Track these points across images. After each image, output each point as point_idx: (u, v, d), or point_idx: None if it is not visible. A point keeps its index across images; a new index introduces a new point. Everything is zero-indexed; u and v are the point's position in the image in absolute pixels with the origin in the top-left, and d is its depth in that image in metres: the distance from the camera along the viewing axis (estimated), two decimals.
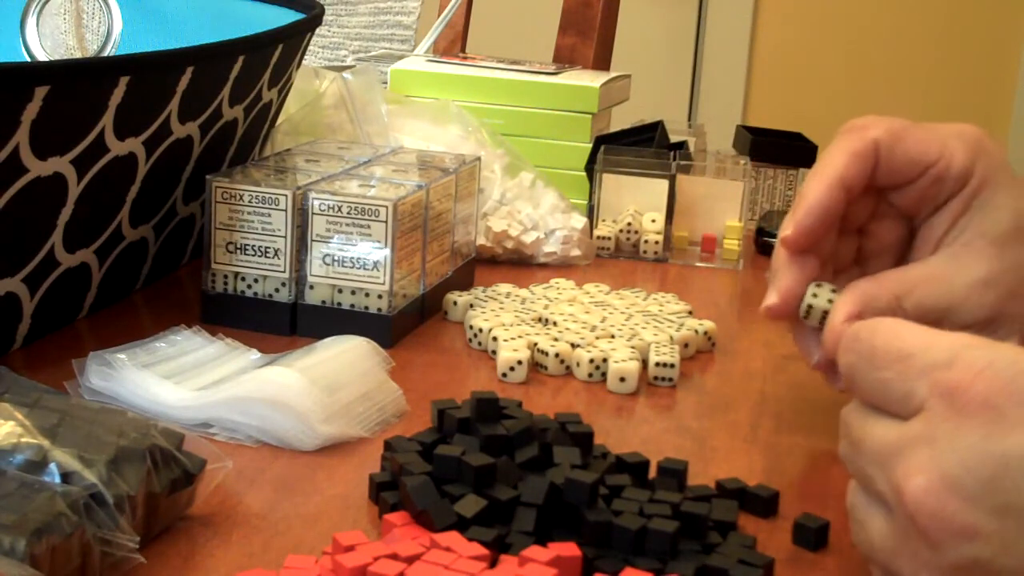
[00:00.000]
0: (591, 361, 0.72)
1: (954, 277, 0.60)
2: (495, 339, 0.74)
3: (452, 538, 0.48)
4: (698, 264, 0.96)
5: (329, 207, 0.73)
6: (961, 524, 0.42)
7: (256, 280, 0.75)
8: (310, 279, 0.74)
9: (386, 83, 1.05)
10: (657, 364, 0.72)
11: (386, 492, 0.54)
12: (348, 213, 0.73)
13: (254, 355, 0.67)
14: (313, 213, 0.73)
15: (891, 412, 0.46)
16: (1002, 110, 2.87)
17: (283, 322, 0.75)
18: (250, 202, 0.74)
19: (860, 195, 0.63)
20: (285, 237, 0.74)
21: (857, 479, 0.48)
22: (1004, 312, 0.60)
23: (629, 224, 0.96)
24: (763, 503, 0.57)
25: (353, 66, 1.15)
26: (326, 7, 1.13)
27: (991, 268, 0.60)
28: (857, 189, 0.62)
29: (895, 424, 0.45)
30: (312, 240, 0.74)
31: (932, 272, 0.61)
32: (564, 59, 1.46)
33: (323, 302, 0.74)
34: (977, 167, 0.61)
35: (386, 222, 0.73)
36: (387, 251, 0.73)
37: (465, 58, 1.13)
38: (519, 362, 0.71)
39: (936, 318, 0.59)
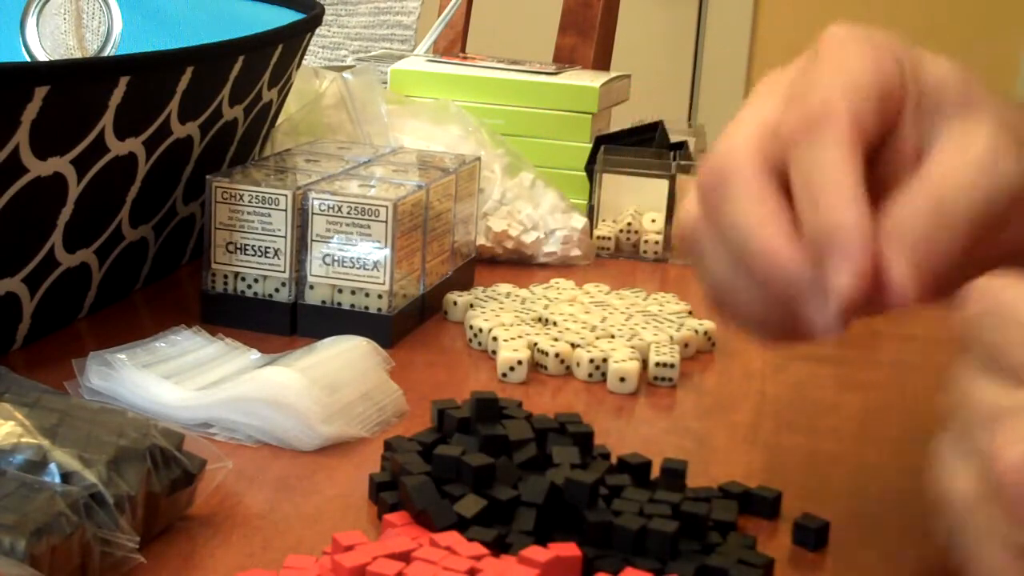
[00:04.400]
0: (591, 361, 0.72)
1: (968, 148, 0.48)
2: (495, 339, 0.74)
3: (452, 538, 0.48)
4: None
5: (329, 207, 0.73)
6: None
7: (256, 280, 0.75)
8: (310, 279, 0.74)
9: (386, 83, 1.05)
10: (657, 364, 0.72)
11: (386, 492, 0.54)
12: (348, 213, 0.73)
13: (254, 355, 0.67)
14: (313, 213, 0.73)
15: (1006, 376, 0.44)
16: None
17: (283, 322, 0.75)
18: (250, 202, 0.74)
19: None
20: (285, 237, 0.74)
21: (959, 428, 0.46)
22: None
23: (629, 224, 0.96)
24: (767, 505, 0.57)
25: (353, 66, 1.15)
26: (326, 7, 1.13)
27: (990, 126, 0.48)
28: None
29: (1008, 389, 0.43)
30: (312, 240, 0.74)
31: (945, 162, 0.48)
32: (564, 59, 1.46)
33: (323, 302, 0.74)
34: (902, 63, 0.49)
35: (386, 222, 0.73)
36: (387, 251, 0.73)
37: (465, 58, 1.13)
38: (519, 362, 0.71)
39: (988, 215, 0.47)
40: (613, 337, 0.75)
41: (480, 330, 0.75)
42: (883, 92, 0.48)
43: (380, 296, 0.74)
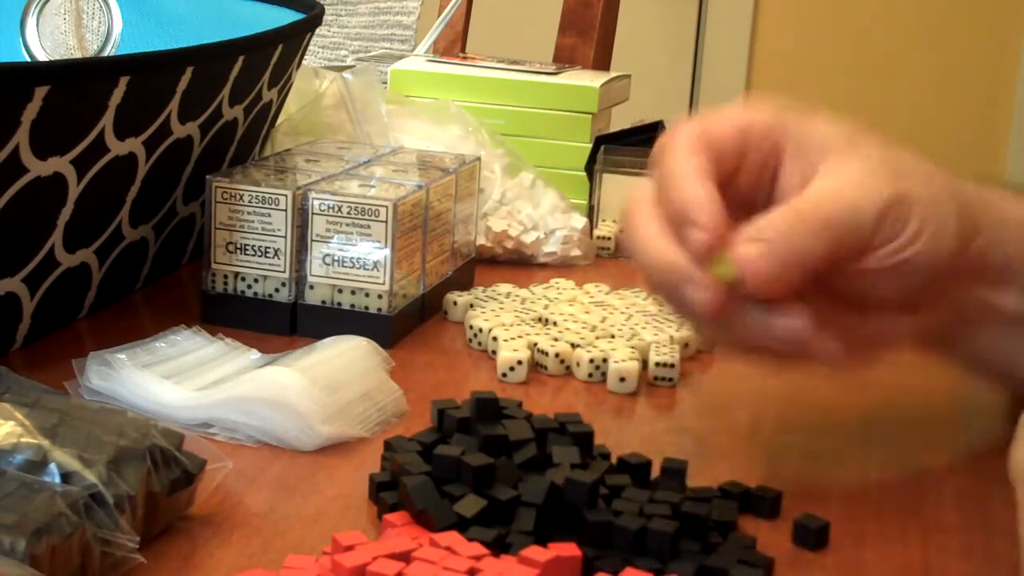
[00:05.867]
0: (591, 361, 0.72)
1: (838, 179, 0.57)
2: (495, 339, 0.74)
3: (452, 538, 0.48)
4: None
5: (329, 207, 0.73)
6: None
7: (256, 280, 0.75)
8: (310, 279, 0.74)
9: (386, 83, 1.05)
10: (657, 364, 0.72)
11: (386, 492, 0.54)
12: (348, 213, 0.73)
13: (254, 355, 0.67)
14: (313, 213, 0.73)
15: None
16: (1002, 110, 2.87)
17: (283, 322, 0.75)
18: (250, 202, 0.74)
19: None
20: (285, 237, 0.74)
21: None
22: (906, 193, 0.57)
23: None
24: (767, 504, 0.57)
25: (353, 66, 1.15)
26: (326, 7, 1.13)
27: (862, 164, 0.58)
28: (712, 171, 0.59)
29: None
30: (312, 240, 0.74)
31: (816, 187, 0.57)
32: (564, 59, 1.45)
33: (323, 302, 0.74)
34: (782, 116, 0.60)
35: (386, 222, 0.73)
36: (387, 251, 0.73)
37: (465, 58, 1.13)
38: (519, 362, 0.71)
39: (848, 225, 0.56)
40: (613, 337, 0.75)
41: (480, 330, 0.75)
42: (741, 131, 0.60)
43: (380, 296, 0.74)
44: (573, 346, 0.73)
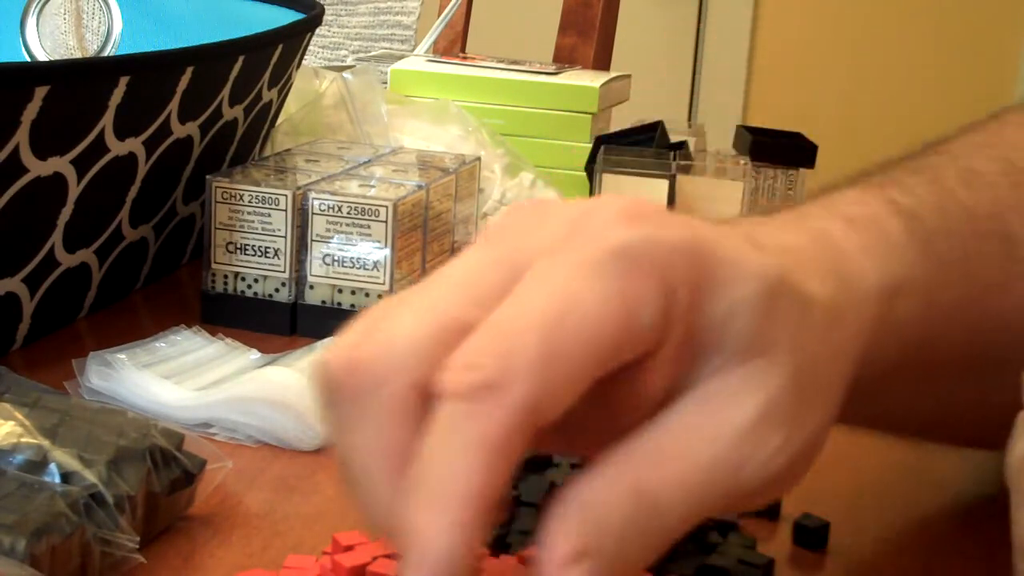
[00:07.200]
0: None
1: (715, 429, 0.37)
2: None
3: None
4: None
5: (329, 207, 0.73)
6: None
7: (256, 280, 0.75)
8: (310, 279, 0.74)
9: (386, 83, 1.05)
10: None
11: None
12: (348, 213, 0.73)
13: (254, 355, 0.67)
14: (313, 213, 0.73)
15: None
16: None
17: (283, 322, 0.75)
18: (250, 202, 0.74)
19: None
20: (285, 237, 0.74)
21: None
22: (815, 448, 0.40)
23: None
24: (767, 505, 0.57)
25: (353, 66, 1.15)
26: (326, 7, 1.13)
27: (765, 394, 0.37)
28: (505, 489, 0.35)
29: None
30: (312, 240, 0.74)
31: (677, 436, 0.37)
32: (564, 59, 1.45)
33: (323, 302, 0.74)
34: (676, 298, 0.36)
35: (386, 222, 0.73)
36: (387, 251, 0.73)
37: (465, 58, 1.13)
38: None
39: (722, 496, 0.37)
40: None
41: None
42: (605, 350, 0.35)
43: (380, 296, 0.74)
44: None
